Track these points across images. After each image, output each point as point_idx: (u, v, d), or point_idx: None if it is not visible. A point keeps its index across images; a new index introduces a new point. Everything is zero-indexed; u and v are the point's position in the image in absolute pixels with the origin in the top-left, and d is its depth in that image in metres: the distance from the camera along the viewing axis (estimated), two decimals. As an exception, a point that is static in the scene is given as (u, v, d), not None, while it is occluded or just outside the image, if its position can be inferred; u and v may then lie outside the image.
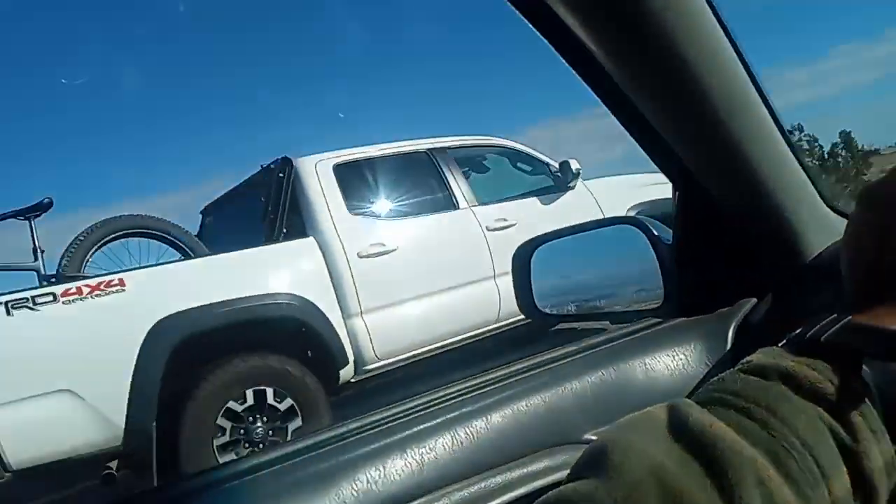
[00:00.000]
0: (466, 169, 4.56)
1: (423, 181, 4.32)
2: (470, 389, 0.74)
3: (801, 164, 0.79)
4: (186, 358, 3.31)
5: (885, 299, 0.40)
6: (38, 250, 3.88)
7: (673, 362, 0.78)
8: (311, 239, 3.80)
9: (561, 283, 0.99)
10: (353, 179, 4.05)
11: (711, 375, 0.69)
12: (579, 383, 0.73)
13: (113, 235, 3.96)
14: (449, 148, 4.45)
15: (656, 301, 0.87)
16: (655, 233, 0.84)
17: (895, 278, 0.41)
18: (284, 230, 3.92)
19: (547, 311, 0.98)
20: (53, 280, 3.67)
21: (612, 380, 0.75)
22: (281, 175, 3.97)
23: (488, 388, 0.75)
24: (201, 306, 3.36)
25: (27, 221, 3.90)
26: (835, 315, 0.40)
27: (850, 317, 0.39)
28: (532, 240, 0.97)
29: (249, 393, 3.51)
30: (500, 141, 4.86)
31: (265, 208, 4.00)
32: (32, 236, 3.89)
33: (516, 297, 0.99)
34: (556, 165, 4.82)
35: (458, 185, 4.33)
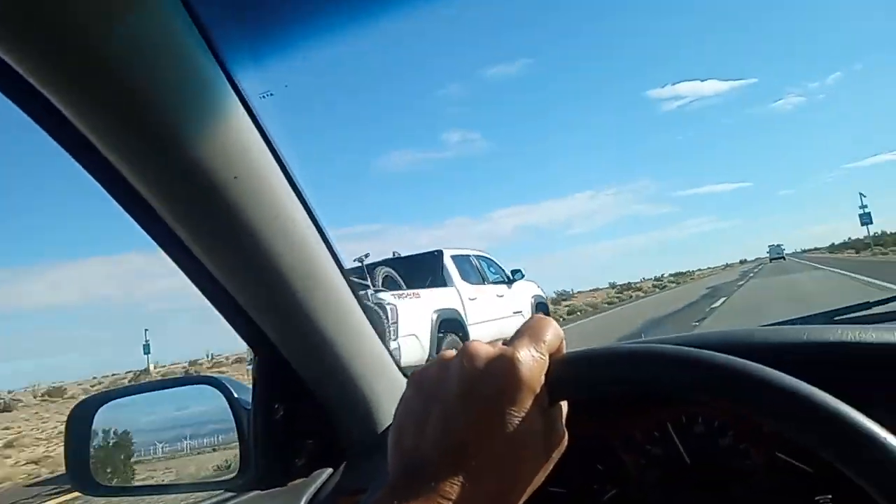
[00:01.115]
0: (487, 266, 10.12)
1: (485, 268, 9.82)
2: None
3: (380, 336, 0.83)
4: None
5: (420, 490, 0.39)
6: (364, 256, 7.87)
7: None
8: (453, 288, 8.50)
9: (127, 448, 0.85)
10: (460, 263, 9.04)
11: None
12: None
13: (387, 268, 8.34)
14: (476, 256, 9.77)
15: (232, 471, 0.80)
16: (235, 395, 0.78)
17: (428, 468, 0.40)
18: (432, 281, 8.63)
19: (104, 482, 0.82)
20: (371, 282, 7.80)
21: None
22: (437, 256, 8.87)
23: None
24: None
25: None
26: None
27: None
28: (94, 397, 0.81)
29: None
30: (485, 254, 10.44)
31: (429, 270, 8.77)
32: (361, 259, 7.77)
33: (66, 466, 0.80)
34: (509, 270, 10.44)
35: (487, 273, 9.71)
